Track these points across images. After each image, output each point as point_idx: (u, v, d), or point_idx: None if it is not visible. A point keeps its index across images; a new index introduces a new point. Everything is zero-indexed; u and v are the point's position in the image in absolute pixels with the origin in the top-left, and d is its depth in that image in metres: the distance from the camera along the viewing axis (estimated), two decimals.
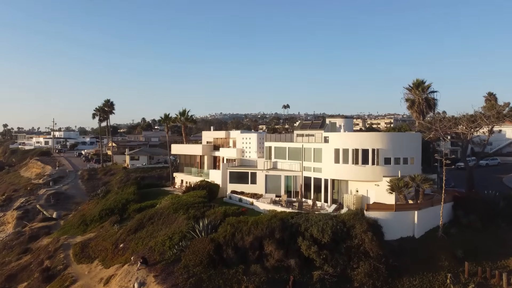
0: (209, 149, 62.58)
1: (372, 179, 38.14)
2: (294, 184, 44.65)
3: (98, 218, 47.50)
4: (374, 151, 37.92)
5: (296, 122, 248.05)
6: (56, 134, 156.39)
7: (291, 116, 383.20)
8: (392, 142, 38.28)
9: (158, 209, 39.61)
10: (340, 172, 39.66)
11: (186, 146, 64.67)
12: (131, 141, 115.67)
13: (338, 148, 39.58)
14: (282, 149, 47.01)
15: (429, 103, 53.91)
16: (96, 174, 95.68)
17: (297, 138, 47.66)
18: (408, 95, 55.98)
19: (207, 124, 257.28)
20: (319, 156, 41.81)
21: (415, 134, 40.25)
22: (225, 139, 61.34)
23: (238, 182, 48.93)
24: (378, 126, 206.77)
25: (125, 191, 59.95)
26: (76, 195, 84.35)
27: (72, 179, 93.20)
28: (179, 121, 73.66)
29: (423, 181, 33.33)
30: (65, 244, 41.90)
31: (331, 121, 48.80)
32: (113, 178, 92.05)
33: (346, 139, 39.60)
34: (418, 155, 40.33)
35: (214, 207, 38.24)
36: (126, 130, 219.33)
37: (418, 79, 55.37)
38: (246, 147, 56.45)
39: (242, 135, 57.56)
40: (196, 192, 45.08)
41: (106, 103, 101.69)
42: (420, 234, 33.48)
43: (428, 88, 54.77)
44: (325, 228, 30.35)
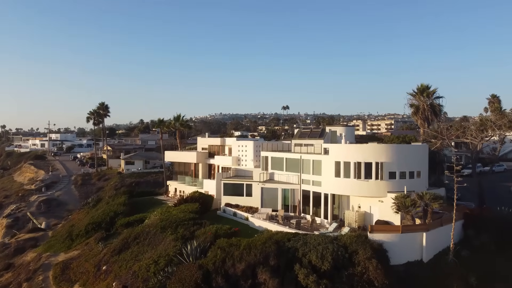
0: (204, 157, 59.52)
1: (375, 194, 35.06)
2: (292, 198, 41.54)
3: (84, 232, 44.44)
4: (378, 164, 34.81)
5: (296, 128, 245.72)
6: (52, 136, 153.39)
7: (291, 116, 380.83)
8: (397, 155, 35.17)
9: (145, 227, 36.54)
10: (341, 187, 36.55)
11: (180, 154, 61.57)
12: (127, 145, 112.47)
13: (339, 161, 36.46)
14: (279, 159, 43.90)
15: (434, 110, 50.90)
16: (90, 179, 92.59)
17: (295, 148, 44.59)
18: (412, 101, 52.92)
19: (206, 125, 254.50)
20: (319, 169, 38.69)
21: (421, 145, 37.16)
22: (221, 147, 58.24)
23: (233, 194, 45.83)
24: (378, 127, 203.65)
25: (115, 201, 57.02)
26: (69, 201, 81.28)
27: (65, 185, 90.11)
28: (173, 126, 70.56)
29: (432, 199, 30.21)
30: (46, 264, 38.80)
31: (331, 129, 45.69)
32: (107, 184, 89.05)
33: (348, 151, 36.48)
34: (425, 168, 37.22)
35: (205, 225, 35.15)
36: (124, 131, 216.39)
37: (423, 84, 52.39)
38: (242, 155, 53.39)
39: (238, 142, 54.47)
40: (188, 206, 41.99)
41: (101, 106, 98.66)
42: (429, 258, 30.38)
43: (433, 94, 51.77)
44: (325, 254, 27.25)
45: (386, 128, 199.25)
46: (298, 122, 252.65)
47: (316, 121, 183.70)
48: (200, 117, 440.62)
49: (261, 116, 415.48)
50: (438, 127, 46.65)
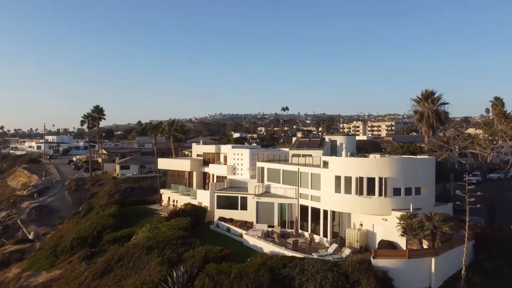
0: (198, 164, 56.71)
1: (379, 212, 32.20)
2: (289, 213, 38.67)
3: (69, 248, 41.63)
4: (381, 180, 31.93)
5: (295, 129, 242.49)
6: (49, 139, 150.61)
7: (291, 117, 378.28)
8: (403, 169, 32.29)
9: (129, 247, 33.69)
10: (342, 204, 33.67)
11: (173, 161, 58.69)
12: (122, 148, 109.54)
13: (339, 176, 33.58)
14: (276, 171, 41.02)
15: (439, 117, 48.05)
16: (84, 184, 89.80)
17: (292, 159, 41.71)
18: (416, 107, 50.04)
19: (205, 126, 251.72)
20: (318, 183, 35.83)
21: (428, 159, 34.28)
22: (216, 154, 55.41)
23: (227, 207, 43.06)
24: (379, 129, 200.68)
25: (106, 211, 54.31)
26: (61, 208, 78.48)
27: (59, 190, 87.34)
28: (166, 132, 67.63)
29: (442, 221, 27.34)
30: (24, 287, 35.99)
31: (331, 139, 42.83)
32: (102, 189, 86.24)
33: (349, 165, 33.60)
34: (432, 183, 34.34)
35: (195, 245, 32.31)
36: (122, 132, 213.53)
37: (427, 90, 49.51)
38: (238, 163, 50.61)
39: (233, 150, 51.64)
40: (178, 221, 39.14)
41: (95, 109, 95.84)
42: (438, 285, 27.53)
43: (438, 100, 48.90)
44: (324, 285, 24.39)
45: (387, 129, 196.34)
46: (298, 123, 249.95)
47: (316, 123, 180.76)
48: (200, 117, 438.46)
49: (261, 116, 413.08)
50: (444, 136, 43.74)
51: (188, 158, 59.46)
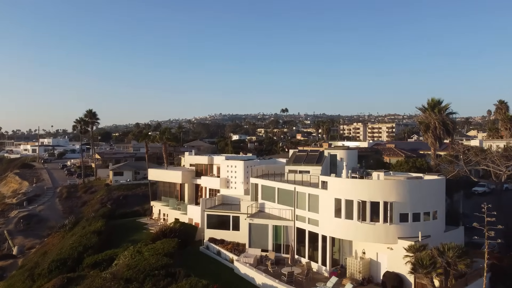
0: (190, 176, 53.18)
1: (383, 241, 28.66)
2: (284, 236, 35.11)
3: (47, 272, 38.05)
4: (386, 205, 28.39)
5: (295, 130, 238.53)
6: (44, 141, 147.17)
7: (291, 117, 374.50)
8: (410, 193, 28.72)
9: (107, 279, 30.07)
10: (342, 230, 30.12)
11: (164, 172, 55.12)
12: (117, 153, 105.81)
13: (340, 199, 30.04)
14: (271, 189, 37.46)
15: (447, 128, 44.37)
16: (76, 192, 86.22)
17: (288, 175, 38.11)
18: (421, 117, 46.44)
19: (205, 128, 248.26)
20: (316, 205, 32.29)
21: (439, 180, 30.69)
22: (208, 166, 51.90)
23: (218, 227, 39.50)
24: (379, 131, 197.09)
25: (92, 226, 50.96)
26: (51, 217, 75.00)
27: (49, 198, 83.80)
28: (158, 140, 64.09)
29: (457, 257, 23.77)
30: None
31: (330, 153, 39.22)
32: (94, 197, 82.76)
33: (350, 187, 30.03)
34: (442, 206, 30.80)
35: (179, 275, 28.77)
36: (121, 134, 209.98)
37: (434, 99, 45.87)
38: (231, 176, 47.16)
39: (227, 162, 48.12)
40: (165, 244, 35.56)
41: (88, 114, 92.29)
42: None
43: (446, 110, 45.27)
44: None
45: (387, 131, 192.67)
46: (298, 124, 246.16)
47: (316, 124, 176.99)
48: (199, 117, 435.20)
49: (261, 116, 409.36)
50: (453, 149, 40.10)
51: (180, 169, 55.87)
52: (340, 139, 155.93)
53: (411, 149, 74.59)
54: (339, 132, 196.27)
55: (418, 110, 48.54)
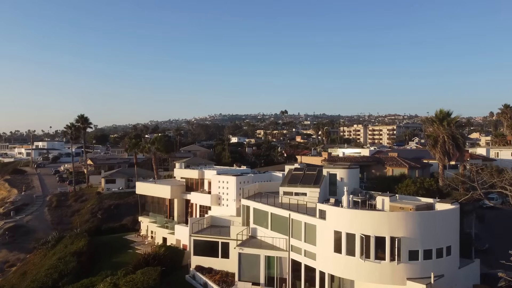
0: (180, 191, 49.25)
1: (390, 282, 24.79)
2: (278, 268, 31.20)
3: None
4: (393, 240, 24.51)
5: (295, 132, 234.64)
6: (39, 145, 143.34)
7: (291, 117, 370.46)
8: (421, 227, 24.83)
9: None
10: (343, 267, 26.23)
11: (152, 186, 51.13)
12: (110, 158, 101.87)
13: (340, 231, 26.16)
14: (264, 213, 33.56)
15: (456, 142, 40.44)
16: (66, 200, 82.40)
17: (283, 198, 34.18)
18: (429, 129, 42.47)
19: (204, 129, 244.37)
20: (313, 236, 28.39)
21: (453, 210, 26.75)
22: (199, 180, 47.97)
23: (206, 254, 35.64)
24: (380, 133, 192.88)
25: (74, 244, 47.28)
26: (39, 228, 71.28)
27: (38, 207, 80.00)
28: (147, 150, 60.16)
29: None
30: None
31: (330, 172, 35.24)
32: (84, 206, 79.05)
33: (352, 219, 26.13)
34: (456, 239, 26.89)
35: None
36: (118, 135, 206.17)
37: (442, 110, 41.97)
38: (223, 192, 43.27)
39: (218, 177, 44.18)
40: (145, 275, 31.65)
41: (80, 119, 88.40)
42: None
43: (456, 122, 41.34)
44: None
45: (388, 134, 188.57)
46: (298, 126, 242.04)
47: (316, 126, 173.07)
48: (199, 117, 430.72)
49: (261, 117, 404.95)
50: (464, 168, 36.10)
51: (170, 182, 51.87)
52: (340, 142, 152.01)
53: (414, 158, 70.50)
54: (339, 134, 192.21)
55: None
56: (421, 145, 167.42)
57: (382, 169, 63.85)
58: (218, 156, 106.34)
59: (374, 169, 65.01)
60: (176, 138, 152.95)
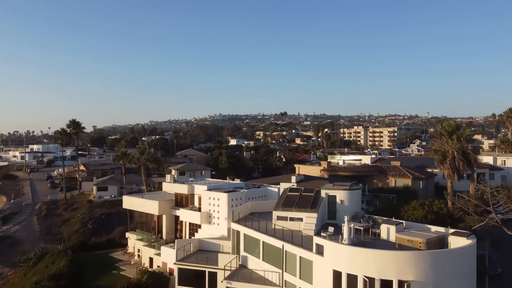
0: (169, 206, 45.66)
1: None
2: None
3: None
4: (402, 285, 20.90)
5: (294, 133, 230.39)
6: (34, 148, 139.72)
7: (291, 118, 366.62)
8: (433, 268, 21.21)
9: None
10: None
11: (139, 201, 47.47)
12: (104, 164, 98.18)
13: (339, 271, 22.55)
14: (255, 241, 29.96)
15: (467, 158, 36.72)
16: (56, 209, 78.95)
17: (277, 222, 30.55)
18: (437, 144, 38.79)
19: (202, 130, 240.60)
20: (309, 273, 24.78)
21: (469, 247, 23.12)
22: (189, 196, 44.41)
23: (192, 284, 32.03)
24: (381, 135, 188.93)
25: (56, 264, 43.88)
26: (26, 239, 67.81)
27: (27, 216, 76.52)
28: (135, 161, 56.54)
29: None
30: None
31: (328, 194, 31.63)
32: (74, 215, 75.57)
33: (353, 257, 22.49)
34: (473, 280, 23.26)
35: None
36: (117, 137, 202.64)
37: (451, 123, 38.37)
38: (214, 210, 39.81)
39: (209, 193, 40.69)
40: None
41: (71, 124, 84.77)
42: None
43: (466, 136, 37.61)
44: None
45: (389, 136, 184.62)
46: (297, 127, 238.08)
47: (315, 128, 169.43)
48: (199, 118, 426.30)
49: (261, 117, 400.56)
50: (478, 188, 32.38)
51: (159, 196, 48.16)
52: (340, 144, 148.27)
53: (417, 167, 66.89)
54: (339, 136, 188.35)
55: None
56: (423, 148, 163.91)
57: (384, 179, 60.23)
58: (215, 161, 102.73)
59: (376, 179, 61.40)
60: (173, 140, 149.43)
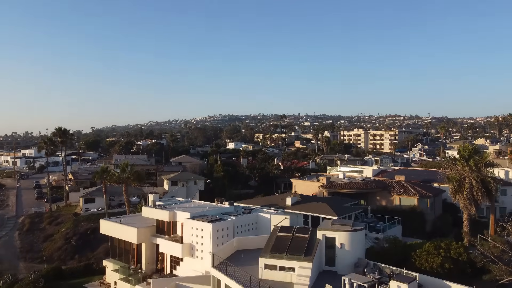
0: (149, 233, 40.48)
1: None
2: None
3: None
4: None
5: (294, 135, 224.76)
6: (26, 152, 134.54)
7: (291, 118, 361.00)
8: None
9: None
10: None
11: (117, 227, 42.19)
12: (93, 172, 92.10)
13: None
14: None
15: (487, 188, 31.29)
16: (40, 222, 73.77)
17: (264, 272, 25.27)
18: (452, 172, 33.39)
19: (201, 132, 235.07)
20: None
21: None
22: (171, 223, 39.17)
23: None
24: (382, 138, 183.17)
25: None
26: (5, 257, 62.71)
27: (8, 231, 71.35)
28: (116, 180, 51.28)
29: None
30: None
31: (326, 235, 26.31)
32: (58, 230, 70.42)
33: None
34: None
35: None
36: (114, 139, 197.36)
37: (468, 146, 33.08)
38: (197, 242, 34.92)
39: (192, 222, 35.65)
40: None
41: (57, 132, 79.64)
42: None
43: (485, 163, 32.16)
44: None
45: (390, 139, 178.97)
46: (297, 130, 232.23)
47: (315, 132, 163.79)
48: (199, 118, 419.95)
49: (261, 117, 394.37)
50: (504, 231, 26.94)
51: (139, 221, 42.84)
52: (340, 148, 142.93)
53: (423, 181, 61.66)
54: (339, 139, 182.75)
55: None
56: (425, 152, 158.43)
57: (388, 196, 54.93)
58: (211, 169, 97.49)
59: (379, 196, 56.08)
60: (170, 144, 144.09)
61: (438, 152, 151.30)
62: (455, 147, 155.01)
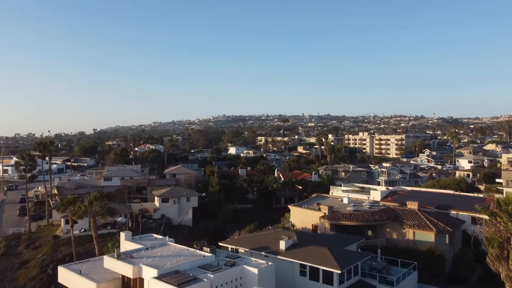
0: None
1: None
2: None
3: None
4: None
5: (297, 138, 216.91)
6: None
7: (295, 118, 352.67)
8: None
9: None
10: None
11: (75, 279, 34.50)
12: (80, 187, 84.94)
13: None
14: None
15: None
16: (17, 246, 66.66)
17: None
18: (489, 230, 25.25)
19: (202, 135, 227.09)
20: None
21: None
22: (138, 279, 31.41)
23: None
24: (388, 143, 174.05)
25: None
26: None
27: None
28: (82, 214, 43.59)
29: None
30: None
31: None
32: (35, 256, 63.19)
33: None
34: None
35: None
36: (115, 142, 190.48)
37: (510, 197, 24.52)
38: None
39: (158, 284, 27.80)
40: None
41: (37, 146, 72.23)
42: None
43: None
44: None
45: (396, 144, 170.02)
46: (300, 133, 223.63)
47: (318, 137, 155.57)
48: (203, 118, 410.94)
49: (265, 117, 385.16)
50: None
51: (102, 273, 35.09)
52: (345, 155, 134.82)
53: (438, 207, 53.65)
54: (343, 143, 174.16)
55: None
56: (433, 158, 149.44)
57: (399, 229, 46.85)
58: (207, 182, 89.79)
59: (389, 228, 48.11)
60: (168, 150, 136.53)
61: (447, 159, 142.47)
62: (465, 154, 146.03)
